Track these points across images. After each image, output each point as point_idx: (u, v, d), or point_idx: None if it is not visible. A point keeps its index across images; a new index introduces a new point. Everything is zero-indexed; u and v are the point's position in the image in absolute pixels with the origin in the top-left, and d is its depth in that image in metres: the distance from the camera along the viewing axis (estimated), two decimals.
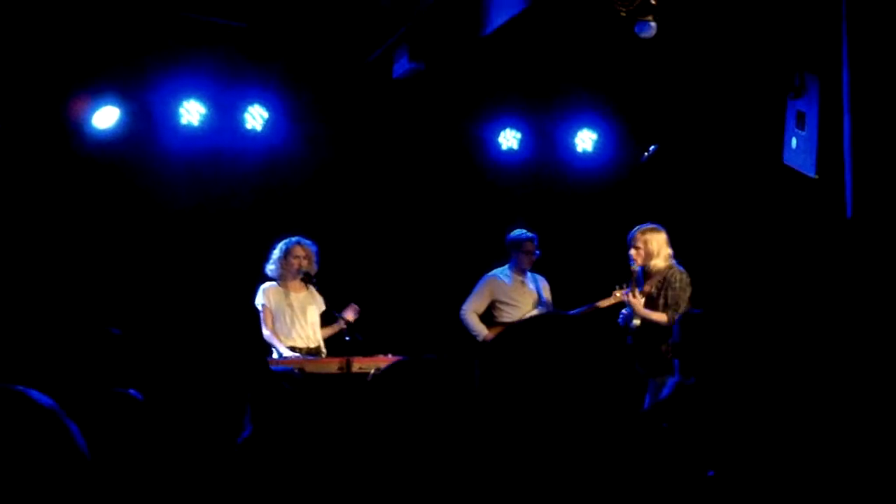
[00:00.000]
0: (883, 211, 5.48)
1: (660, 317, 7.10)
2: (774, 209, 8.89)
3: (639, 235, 7.36)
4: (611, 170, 9.79)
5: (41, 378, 3.75)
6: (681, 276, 7.24)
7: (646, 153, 9.19)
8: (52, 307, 7.94)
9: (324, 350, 7.60)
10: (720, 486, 2.83)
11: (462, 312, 8.21)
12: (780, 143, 7.45)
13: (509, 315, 8.14)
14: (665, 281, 7.22)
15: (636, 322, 7.24)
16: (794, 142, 7.25)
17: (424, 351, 2.49)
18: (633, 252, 7.37)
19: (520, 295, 8.23)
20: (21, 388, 1.55)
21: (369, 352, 7.16)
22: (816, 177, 6.96)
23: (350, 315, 7.54)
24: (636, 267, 7.39)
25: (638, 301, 7.21)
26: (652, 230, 7.37)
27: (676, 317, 6.80)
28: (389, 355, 7.13)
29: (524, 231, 8.26)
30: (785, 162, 7.40)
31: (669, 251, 7.35)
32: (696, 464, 3.27)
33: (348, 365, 6.96)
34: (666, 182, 9.40)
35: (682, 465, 3.29)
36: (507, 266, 8.31)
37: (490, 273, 8.33)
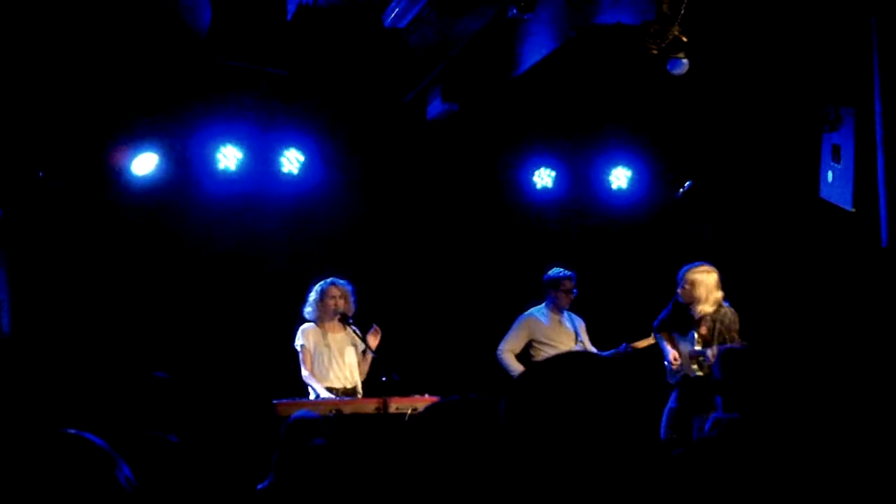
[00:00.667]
0: None
1: None
2: (813, 243, 8.81)
3: (687, 276, 7.30)
4: (646, 206, 9.77)
5: (87, 420, 3.79)
6: (732, 316, 7.17)
7: (681, 189, 9.16)
8: (94, 351, 8.02)
9: (360, 391, 7.60)
10: None
11: (499, 352, 8.18)
12: (816, 177, 7.41)
13: (546, 354, 8.02)
14: (717, 322, 7.13)
15: (695, 370, 7.15)
16: (830, 175, 7.21)
17: (460, 391, 2.49)
18: (680, 291, 7.32)
19: (557, 334, 8.18)
20: (78, 432, 1.69)
21: (406, 392, 7.14)
22: (854, 210, 6.91)
23: (372, 340, 7.49)
24: (680, 301, 7.34)
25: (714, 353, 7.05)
26: (702, 271, 7.29)
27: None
28: (426, 395, 7.11)
29: (562, 270, 8.23)
30: (822, 196, 7.35)
31: (719, 295, 7.26)
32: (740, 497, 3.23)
33: (385, 405, 6.94)
34: (702, 218, 9.36)
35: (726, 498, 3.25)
36: (543, 305, 8.28)
37: (527, 312, 8.30)
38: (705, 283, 7.24)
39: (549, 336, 8.17)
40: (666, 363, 7.42)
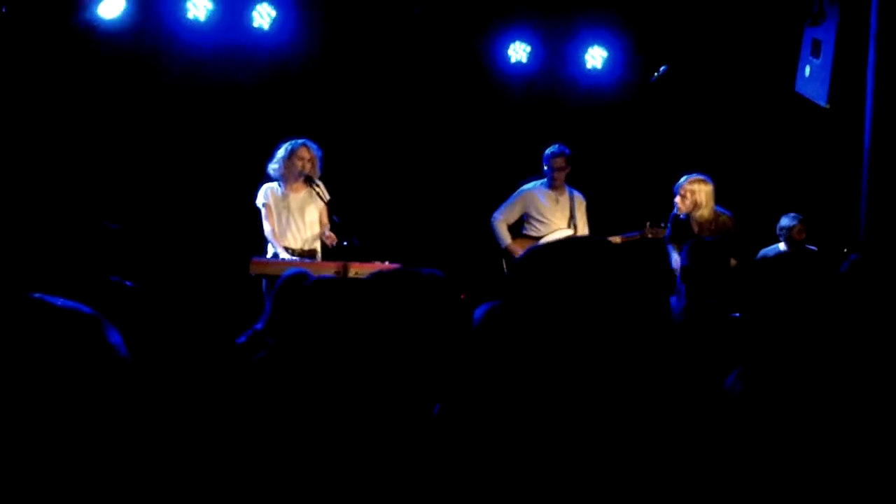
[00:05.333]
0: None
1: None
2: (782, 137, 8.83)
3: (687, 185, 7.38)
4: (619, 88, 9.67)
5: (37, 272, 3.73)
6: (728, 222, 7.25)
7: (655, 73, 9.08)
8: (50, 199, 7.90)
9: (319, 252, 7.58)
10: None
11: (493, 220, 8.32)
12: (793, 70, 7.36)
13: (537, 231, 8.26)
14: (717, 227, 7.20)
15: None
16: (807, 70, 7.16)
17: (419, 262, 2.45)
18: (678, 200, 7.39)
19: (551, 213, 8.27)
20: (62, 301, 1.59)
21: (367, 258, 7.13)
22: (828, 106, 6.89)
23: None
24: (679, 214, 7.42)
25: None
26: (701, 181, 7.38)
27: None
28: (387, 262, 7.11)
29: (556, 146, 8.23)
30: (797, 90, 7.32)
31: (714, 203, 7.33)
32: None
33: (345, 270, 6.93)
34: (674, 103, 9.32)
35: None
36: (544, 181, 8.32)
37: (527, 186, 8.41)
38: (705, 191, 7.36)
39: (543, 213, 8.27)
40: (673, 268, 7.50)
